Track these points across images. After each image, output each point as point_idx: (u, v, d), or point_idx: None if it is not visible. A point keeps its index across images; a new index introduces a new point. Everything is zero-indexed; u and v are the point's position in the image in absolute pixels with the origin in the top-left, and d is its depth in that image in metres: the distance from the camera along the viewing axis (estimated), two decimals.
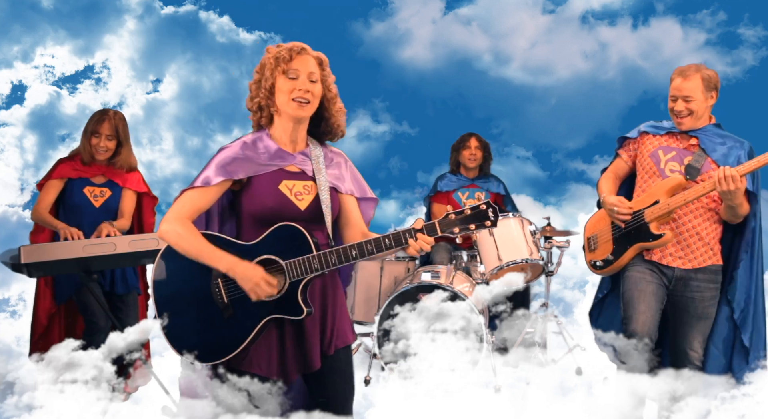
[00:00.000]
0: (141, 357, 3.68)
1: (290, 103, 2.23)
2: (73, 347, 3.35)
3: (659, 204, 3.07)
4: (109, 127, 3.80)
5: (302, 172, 2.30)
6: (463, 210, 2.14)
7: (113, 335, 3.30)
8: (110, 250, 3.39)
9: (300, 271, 2.17)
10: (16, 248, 3.31)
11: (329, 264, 2.16)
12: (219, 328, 2.22)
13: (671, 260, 3.09)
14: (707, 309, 3.09)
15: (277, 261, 2.19)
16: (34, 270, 3.31)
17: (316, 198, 2.28)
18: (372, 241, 2.16)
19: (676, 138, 3.17)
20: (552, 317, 4.54)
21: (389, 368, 4.02)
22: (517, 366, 4.28)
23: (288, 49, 2.24)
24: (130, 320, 3.90)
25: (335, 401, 2.31)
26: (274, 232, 2.20)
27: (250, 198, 2.25)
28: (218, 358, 2.22)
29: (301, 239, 2.19)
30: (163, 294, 2.29)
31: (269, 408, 2.27)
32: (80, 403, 3.41)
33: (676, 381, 3.02)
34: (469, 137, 5.00)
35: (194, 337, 2.25)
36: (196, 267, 2.22)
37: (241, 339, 2.20)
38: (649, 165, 3.18)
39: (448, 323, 3.31)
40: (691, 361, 3.08)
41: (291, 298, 2.18)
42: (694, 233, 3.07)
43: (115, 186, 3.90)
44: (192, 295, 2.25)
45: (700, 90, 3.06)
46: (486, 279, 4.33)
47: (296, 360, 2.27)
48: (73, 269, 3.39)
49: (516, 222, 4.35)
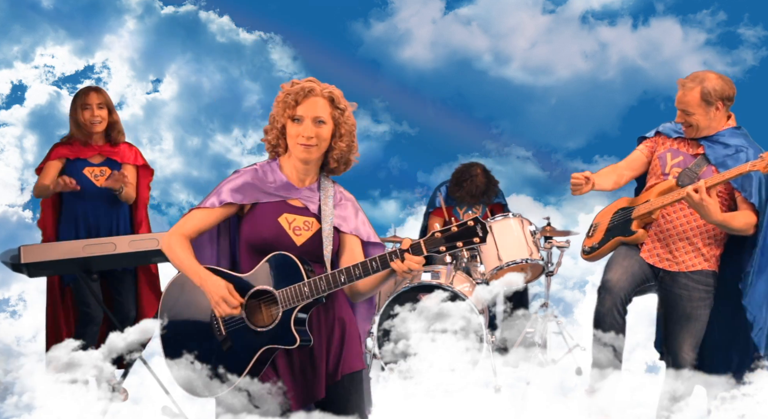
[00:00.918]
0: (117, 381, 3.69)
1: (297, 147, 2.25)
2: (73, 347, 3.35)
3: (644, 203, 3.12)
4: (98, 97, 3.82)
5: (305, 207, 2.30)
6: (449, 228, 2.07)
7: (113, 335, 3.30)
8: (110, 250, 3.40)
9: (292, 299, 2.17)
10: (16, 248, 3.32)
11: (319, 290, 2.16)
12: (219, 360, 2.24)
13: (657, 261, 3.09)
14: (696, 310, 3.04)
15: (270, 290, 2.21)
16: (34, 270, 3.32)
17: (314, 235, 2.28)
18: (359, 265, 2.15)
19: (687, 143, 3.14)
20: (552, 317, 4.54)
21: (389, 368, 4.02)
22: (517, 366, 4.28)
23: (295, 93, 2.23)
24: (127, 301, 3.90)
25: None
26: (268, 262, 2.22)
27: (250, 226, 2.27)
28: (218, 391, 2.23)
29: (293, 267, 2.19)
30: (169, 323, 2.32)
31: (269, 408, 2.27)
32: (80, 403, 3.41)
33: (676, 381, 3.03)
34: (474, 168, 4.81)
35: (193, 371, 2.27)
36: (197, 301, 2.26)
37: (239, 370, 2.21)
38: (656, 166, 3.18)
39: (448, 323, 3.31)
40: (682, 365, 3.05)
41: (284, 327, 2.18)
42: (684, 237, 3.04)
43: (114, 163, 3.92)
44: (194, 328, 2.28)
45: (698, 104, 2.97)
46: (486, 279, 4.33)
47: (298, 392, 2.26)
48: (73, 269, 3.40)
49: (516, 222, 4.35)
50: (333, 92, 2.28)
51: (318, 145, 2.24)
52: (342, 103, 2.29)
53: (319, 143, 2.24)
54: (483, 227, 2.06)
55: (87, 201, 3.84)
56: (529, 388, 4.01)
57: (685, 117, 3.03)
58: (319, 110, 2.23)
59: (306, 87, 2.24)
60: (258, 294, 2.23)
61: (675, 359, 3.07)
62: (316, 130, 2.22)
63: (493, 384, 4.03)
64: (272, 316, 2.21)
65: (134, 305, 3.95)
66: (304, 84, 2.26)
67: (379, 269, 2.14)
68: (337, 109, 2.27)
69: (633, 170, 3.28)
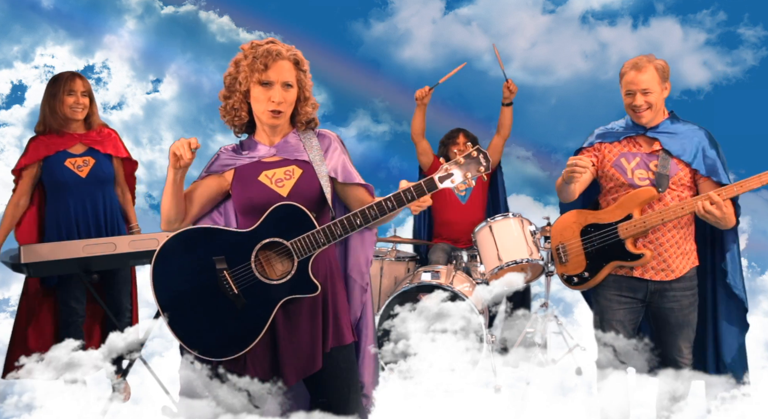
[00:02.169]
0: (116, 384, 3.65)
1: (265, 113, 2.27)
2: (73, 347, 3.35)
3: (633, 220, 2.96)
4: (83, 84, 3.66)
5: (282, 159, 2.32)
6: (457, 160, 2.18)
7: (113, 335, 3.30)
8: (110, 250, 3.40)
9: (306, 248, 2.18)
10: (16, 248, 3.32)
11: (335, 235, 2.17)
12: (233, 320, 2.20)
13: (653, 274, 2.99)
14: (687, 316, 3.01)
15: (281, 242, 2.19)
16: (34, 270, 3.31)
17: (298, 181, 2.28)
18: (374, 206, 2.17)
19: (636, 142, 3.04)
20: (552, 317, 4.54)
21: (389, 368, 4.02)
22: (517, 366, 4.28)
23: (263, 57, 2.22)
24: (120, 294, 3.83)
25: (335, 401, 2.30)
26: (272, 214, 2.19)
27: (236, 193, 2.30)
28: (239, 350, 2.19)
29: (300, 216, 2.19)
30: (168, 296, 2.22)
31: (269, 408, 2.27)
32: (80, 403, 3.41)
33: (676, 381, 3.02)
34: (458, 133, 4.97)
35: (209, 334, 2.21)
36: (198, 264, 2.20)
37: (259, 326, 2.19)
38: (615, 175, 3.03)
39: (448, 323, 3.31)
40: (681, 367, 3.04)
41: (303, 277, 2.19)
42: (674, 244, 2.98)
43: (97, 153, 3.72)
44: (198, 292, 2.21)
45: (657, 81, 2.94)
46: (486, 279, 4.33)
47: (293, 364, 2.25)
48: (73, 269, 3.39)
49: (516, 222, 4.35)
50: (297, 54, 2.29)
51: (285, 111, 2.27)
52: (305, 65, 2.31)
53: (286, 108, 2.27)
54: (485, 156, 2.20)
55: (71, 194, 3.65)
56: (529, 388, 4.01)
57: (644, 98, 2.94)
58: (287, 74, 2.25)
59: (273, 50, 2.23)
60: (266, 247, 2.21)
61: (674, 364, 3.04)
62: (284, 95, 2.24)
63: (493, 384, 4.03)
64: (285, 268, 2.20)
65: (129, 298, 3.87)
66: (269, 46, 2.25)
67: (394, 207, 2.18)
68: (301, 71, 2.30)
69: (582, 184, 3.10)
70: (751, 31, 6.88)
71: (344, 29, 7.55)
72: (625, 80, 2.98)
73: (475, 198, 4.89)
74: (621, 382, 3.04)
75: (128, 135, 7.68)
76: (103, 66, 7.48)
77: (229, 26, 7.61)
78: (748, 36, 6.89)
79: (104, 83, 7.55)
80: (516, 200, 5.08)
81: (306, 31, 7.33)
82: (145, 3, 7.47)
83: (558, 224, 3.23)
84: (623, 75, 3.00)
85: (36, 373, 3.14)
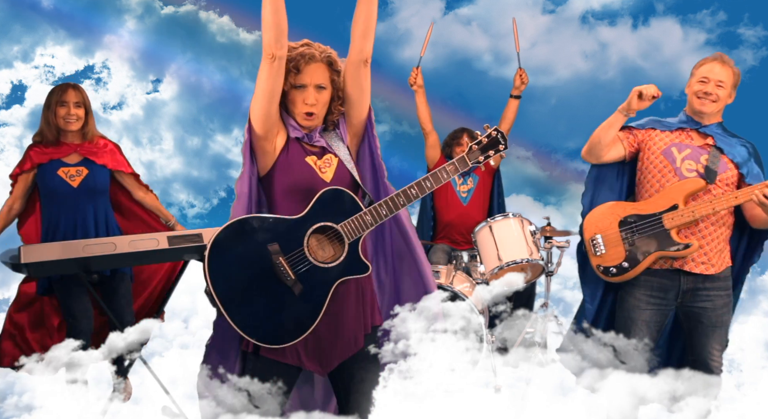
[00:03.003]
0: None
1: (300, 115, 2.32)
2: (73, 347, 3.35)
3: (680, 209, 2.92)
4: (75, 95, 3.63)
5: (320, 148, 2.37)
6: (480, 141, 2.40)
7: (113, 335, 3.30)
8: (110, 250, 3.39)
9: (356, 230, 2.26)
10: (16, 248, 3.31)
11: (381, 216, 2.27)
12: (292, 306, 2.22)
13: (693, 266, 2.95)
14: (721, 317, 2.98)
15: (331, 226, 2.25)
16: (34, 270, 3.31)
17: (337, 170, 2.35)
18: (414, 185, 2.29)
19: (688, 135, 3.05)
20: (552, 317, 4.54)
21: (389, 368, 4.02)
22: (517, 366, 4.28)
23: (296, 61, 2.27)
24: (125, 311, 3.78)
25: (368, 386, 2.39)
26: (319, 200, 2.25)
27: (282, 173, 2.30)
28: (300, 335, 2.23)
29: (346, 199, 2.28)
30: (225, 288, 2.21)
31: (269, 408, 2.27)
32: (80, 403, 3.41)
33: (676, 381, 3.02)
34: (461, 133, 4.97)
35: (268, 322, 2.22)
36: (252, 253, 2.21)
37: (317, 310, 2.23)
38: (663, 163, 3.01)
39: (448, 323, 3.30)
40: (712, 371, 2.99)
41: (354, 257, 2.27)
42: (716, 239, 2.96)
43: (92, 164, 3.67)
44: (255, 281, 2.22)
45: (731, 82, 3.00)
46: (486, 279, 4.33)
47: (335, 346, 2.31)
48: (73, 269, 3.38)
49: (516, 222, 4.35)
50: (331, 55, 2.33)
51: (319, 112, 2.32)
52: (339, 65, 2.35)
53: (320, 110, 2.32)
54: (502, 135, 2.43)
55: (62, 203, 3.63)
56: (529, 388, 4.01)
57: (715, 89, 2.97)
58: (320, 77, 2.30)
59: (306, 53, 2.28)
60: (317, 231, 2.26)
61: (705, 367, 3.00)
62: (317, 96, 2.29)
63: (493, 384, 4.03)
64: (329, 252, 2.26)
65: (131, 310, 3.81)
66: (303, 49, 2.29)
67: (432, 186, 2.31)
68: (335, 72, 2.34)
69: (612, 151, 3.09)
70: (751, 31, 6.89)
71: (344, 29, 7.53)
72: (704, 68, 3.01)
73: (476, 199, 4.88)
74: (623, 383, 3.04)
75: (128, 135, 7.68)
76: (103, 66, 7.48)
77: (229, 26, 7.61)
78: (748, 36, 6.90)
79: (104, 83, 7.55)
80: (516, 200, 5.10)
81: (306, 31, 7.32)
82: (145, 3, 7.47)
83: (592, 215, 3.15)
84: (701, 65, 3.03)
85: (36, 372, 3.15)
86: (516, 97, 4.84)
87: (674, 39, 6.97)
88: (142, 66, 7.60)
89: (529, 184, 7.51)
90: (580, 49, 7.35)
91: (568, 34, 7.38)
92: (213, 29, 7.62)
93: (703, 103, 2.99)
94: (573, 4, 7.34)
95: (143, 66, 7.61)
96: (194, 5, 7.59)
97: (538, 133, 7.50)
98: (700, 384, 3.08)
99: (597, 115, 7.29)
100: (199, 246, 3.50)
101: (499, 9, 7.41)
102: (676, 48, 6.95)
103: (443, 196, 4.91)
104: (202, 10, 7.62)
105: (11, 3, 7.16)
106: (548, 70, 7.43)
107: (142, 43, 7.51)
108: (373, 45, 2.32)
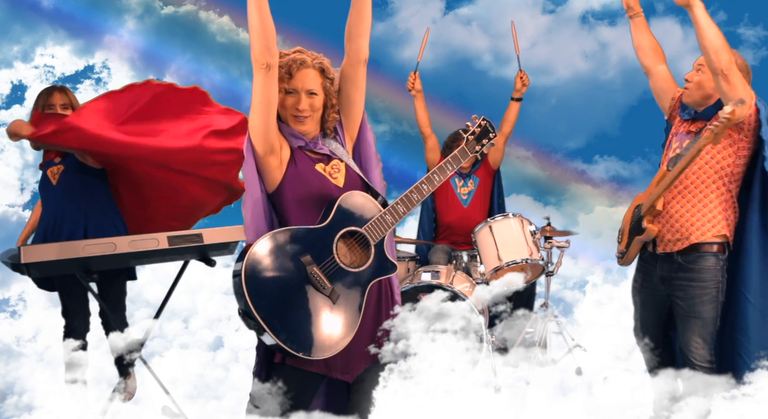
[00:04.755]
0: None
1: (291, 118, 2.33)
2: (73, 347, 3.35)
3: (648, 197, 3.10)
4: (61, 97, 3.63)
5: (324, 156, 2.38)
6: (473, 131, 2.58)
7: (113, 335, 3.30)
8: (110, 250, 3.38)
9: (379, 231, 2.30)
10: (16, 248, 3.31)
11: (399, 214, 2.33)
12: (332, 315, 2.22)
13: (664, 246, 3.05)
14: (695, 307, 2.96)
15: (357, 230, 2.28)
16: (34, 270, 3.31)
17: (347, 174, 2.38)
18: (425, 180, 2.40)
19: (689, 123, 3.10)
20: (552, 317, 4.54)
21: (389, 368, 4.02)
22: (517, 366, 4.28)
23: (288, 67, 2.28)
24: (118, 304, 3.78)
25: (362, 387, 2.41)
26: (339, 207, 2.28)
27: (292, 184, 2.29)
28: (346, 340, 2.23)
29: (365, 202, 2.33)
30: (268, 308, 2.14)
31: (269, 408, 2.27)
32: (80, 403, 3.41)
33: (676, 381, 3.02)
34: (462, 135, 4.95)
35: (312, 334, 2.19)
36: (287, 268, 2.18)
37: (356, 314, 2.26)
38: (667, 148, 3.19)
39: (448, 323, 3.30)
40: (689, 361, 3.00)
41: (381, 258, 2.32)
42: (683, 211, 3.00)
43: (68, 159, 3.66)
44: (294, 296, 2.19)
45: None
46: (486, 279, 4.33)
47: (361, 350, 2.33)
48: (73, 269, 3.38)
49: (516, 222, 4.35)
50: (323, 62, 2.34)
51: (311, 116, 2.33)
52: (331, 73, 2.36)
53: (312, 114, 2.33)
54: (490, 123, 2.62)
55: (48, 203, 3.71)
56: (529, 388, 4.01)
57: (694, 76, 3.02)
58: (311, 82, 2.31)
59: (297, 58, 2.30)
60: (345, 236, 2.29)
61: (683, 356, 3.03)
62: (309, 102, 2.30)
63: (493, 384, 4.03)
64: (363, 254, 2.30)
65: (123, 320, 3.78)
66: (294, 55, 2.31)
67: (441, 180, 2.43)
68: (327, 79, 2.34)
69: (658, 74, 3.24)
70: (751, 31, 6.89)
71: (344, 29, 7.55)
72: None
73: (477, 201, 4.88)
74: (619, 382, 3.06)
75: None
76: (103, 66, 7.48)
77: (229, 26, 7.61)
78: (748, 36, 6.90)
79: (104, 83, 7.54)
80: (516, 200, 5.10)
81: (306, 31, 7.33)
82: (145, 3, 7.47)
83: (629, 209, 3.37)
84: None
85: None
86: (517, 99, 4.84)
87: (674, 39, 6.97)
88: (142, 66, 7.60)
89: (529, 184, 7.51)
90: (580, 49, 7.36)
91: (568, 34, 7.38)
92: (213, 29, 7.63)
93: (684, 92, 3.09)
94: (573, 4, 7.34)
95: (143, 66, 7.61)
96: (194, 5, 7.59)
97: (538, 133, 7.49)
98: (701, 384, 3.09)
99: (597, 115, 7.30)
100: (199, 246, 3.49)
101: (499, 9, 7.41)
102: (676, 48, 6.95)
103: (444, 197, 4.91)
104: (202, 10, 7.62)
105: (11, 3, 7.17)
106: (548, 70, 7.43)
107: (142, 43, 7.51)
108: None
